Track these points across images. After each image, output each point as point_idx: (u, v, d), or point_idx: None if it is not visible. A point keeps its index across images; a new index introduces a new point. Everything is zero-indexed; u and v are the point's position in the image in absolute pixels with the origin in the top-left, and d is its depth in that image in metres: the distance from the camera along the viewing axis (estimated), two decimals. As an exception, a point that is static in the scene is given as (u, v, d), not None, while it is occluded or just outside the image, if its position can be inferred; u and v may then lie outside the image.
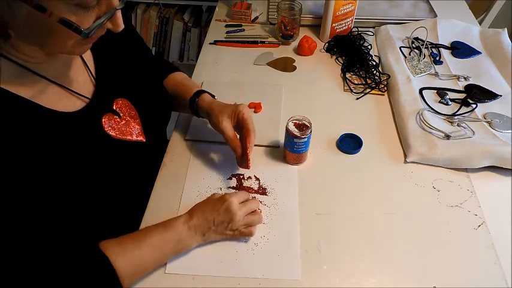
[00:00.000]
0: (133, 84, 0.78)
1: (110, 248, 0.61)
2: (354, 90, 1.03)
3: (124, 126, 0.72)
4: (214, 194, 0.72)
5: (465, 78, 1.04)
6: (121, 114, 0.72)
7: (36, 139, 0.58)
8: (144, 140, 0.76)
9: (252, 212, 0.71)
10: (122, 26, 0.58)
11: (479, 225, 0.74)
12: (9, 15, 0.50)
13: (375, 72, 1.06)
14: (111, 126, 0.70)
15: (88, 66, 0.71)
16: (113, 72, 0.74)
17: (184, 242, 0.66)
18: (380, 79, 1.04)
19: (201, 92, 0.85)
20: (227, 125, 0.77)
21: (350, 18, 1.19)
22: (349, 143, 0.89)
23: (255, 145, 0.88)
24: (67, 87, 0.65)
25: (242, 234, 0.69)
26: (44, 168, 0.58)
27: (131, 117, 0.74)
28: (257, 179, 0.82)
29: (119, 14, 0.57)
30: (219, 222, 0.67)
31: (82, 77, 0.69)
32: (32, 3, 0.49)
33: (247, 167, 0.78)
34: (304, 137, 0.79)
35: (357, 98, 1.01)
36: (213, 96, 0.86)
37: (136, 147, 0.74)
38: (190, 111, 0.86)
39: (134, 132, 0.74)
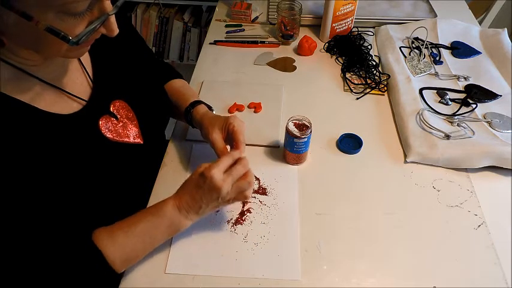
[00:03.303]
0: (131, 86, 0.77)
1: (102, 238, 0.62)
2: (354, 90, 1.03)
3: (121, 128, 0.72)
4: (200, 165, 0.66)
5: (465, 78, 1.04)
6: (118, 117, 0.72)
7: (33, 142, 0.58)
8: (142, 142, 0.76)
9: (243, 176, 0.66)
10: (116, 31, 0.57)
11: (479, 225, 0.74)
12: (1, 23, 0.50)
13: (375, 72, 1.06)
14: (108, 128, 0.69)
15: (85, 68, 0.70)
16: (110, 73, 0.74)
17: (177, 225, 0.65)
18: (380, 79, 1.04)
19: (196, 102, 0.84)
20: (217, 137, 0.76)
21: (350, 18, 1.19)
22: (349, 143, 0.89)
23: (255, 145, 0.88)
24: (64, 89, 0.64)
25: (237, 200, 0.68)
26: (41, 171, 0.58)
27: (128, 119, 0.74)
28: (257, 179, 0.82)
29: (113, 19, 0.55)
30: (208, 199, 0.64)
31: (79, 79, 0.69)
32: (18, 11, 0.48)
33: None
34: (304, 137, 0.79)
35: (357, 98, 1.01)
36: (210, 107, 0.86)
37: (134, 149, 0.74)
38: (185, 120, 0.86)
39: (132, 135, 0.74)
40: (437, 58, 1.12)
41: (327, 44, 1.18)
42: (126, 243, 0.63)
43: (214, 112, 0.86)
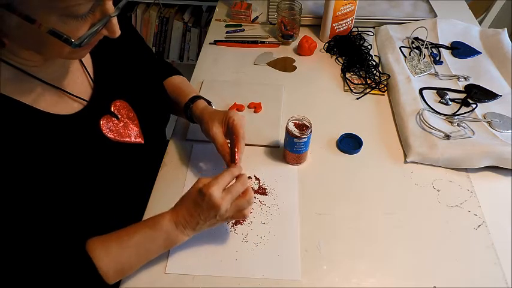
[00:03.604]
0: (132, 85, 0.77)
1: (95, 248, 0.61)
2: (354, 90, 1.03)
3: (122, 128, 0.72)
4: (199, 180, 0.65)
5: (465, 78, 1.04)
6: (119, 116, 0.72)
7: (33, 143, 0.58)
8: (143, 142, 0.76)
9: (241, 194, 0.65)
10: (118, 33, 0.57)
11: (479, 225, 0.74)
12: (2, 24, 0.50)
13: (375, 72, 1.06)
14: (109, 128, 0.69)
15: (86, 68, 0.70)
16: (111, 73, 0.74)
17: (173, 239, 0.65)
18: (380, 79, 1.04)
19: (196, 98, 0.84)
20: (217, 131, 0.76)
21: (350, 18, 1.19)
22: (349, 143, 0.89)
23: (255, 145, 0.88)
24: (65, 90, 0.64)
25: (235, 219, 0.67)
26: (41, 173, 0.58)
27: (129, 119, 0.74)
28: (257, 179, 0.82)
29: (115, 20, 0.56)
30: (206, 216, 0.64)
31: (80, 79, 0.69)
32: (21, 14, 0.48)
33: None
34: (304, 137, 0.79)
35: (357, 98, 1.01)
36: (209, 103, 0.86)
37: (135, 149, 0.74)
38: (185, 116, 0.86)
39: (132, 134, 0.74)
40: (437, 58, 1.12)
41: (327, 44, 1.18)
42: (121, 254, 0.62)
43: (214, 107, 0.86)
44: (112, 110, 0.71)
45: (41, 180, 0.58)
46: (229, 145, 0.77)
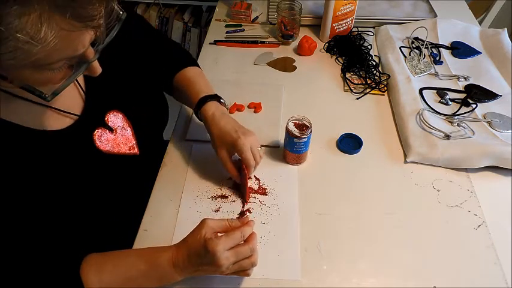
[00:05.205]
0: (128, 94, 0.75)
1: (88, 273, 0.59)
2: (354, 90, 1.03)
3: (116, 140, 0.71)
4: (206, 224, 0.61)
5: (465, 78, 1.04)
6: (113, 128, 0.71)
7: (26, 161, 0.57)
8: (138, 153, 0.74)
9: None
10: (99, 72, 0.55)
11: (479, 225, 0.74)
12: None
13: (375, 72, 1.06)
14: (102, 141, 0.68)
15: (78, 80, 0.68)
16: (104, 84, 0.70)
17: (168, 279, 0.62)
18: (380, 79, 1.04)
19: (203, 101, 0.79)
20: (224, 157, 0.76)
21: (350, 18, 1.19)
22: (349, 143, 0.89)
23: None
24: (55, 107, 0.62)
25: (236, 275, 0.64)
26: (37, 189, 0.57)
27: (124, 130, 0.72)
28: (257, 179, 0.82)
29: (95, 63, 0.54)
30: (205, 269, 0.61)
31: (71, 94, 0.66)
32: None
33: (244, 200, 0.78)
34: (304, 137, 0.79)
35: (357, 98, 1.01)
36: (219, 99, 0.81)
37: (130, 160, 0.73)
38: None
39: (127, 146, 0.72)
40: (437, 58, 1.12)
41: (327, 44, 1.18)
42: (112, 285, 0.60)
43: (224, 103, 0.82)
44: (106, 121, 0.70)
45: (37, 197, 0.57)
46: (238, 162, 0.77)
